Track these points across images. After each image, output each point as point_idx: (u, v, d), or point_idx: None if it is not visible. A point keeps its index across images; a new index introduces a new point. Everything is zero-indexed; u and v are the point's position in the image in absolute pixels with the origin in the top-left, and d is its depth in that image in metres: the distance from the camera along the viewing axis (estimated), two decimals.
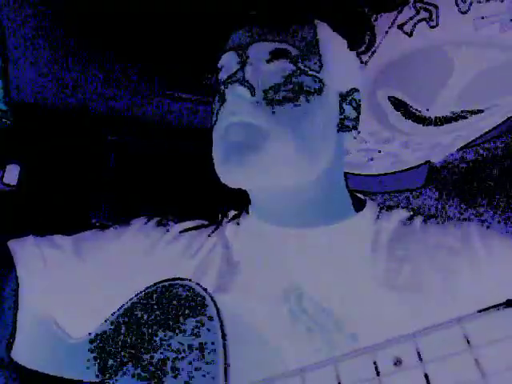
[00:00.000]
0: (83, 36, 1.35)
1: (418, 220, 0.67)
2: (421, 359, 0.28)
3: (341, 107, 0.68)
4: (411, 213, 0.69)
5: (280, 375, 0.36)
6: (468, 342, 0.27)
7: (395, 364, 0.30)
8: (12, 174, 1.52)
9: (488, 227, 0.63)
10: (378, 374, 0.30)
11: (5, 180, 1.51)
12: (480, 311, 0.29)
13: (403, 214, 0.69)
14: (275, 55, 0.64)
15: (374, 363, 0.30)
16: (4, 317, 0.60)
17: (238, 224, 0.71)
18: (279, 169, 0.61)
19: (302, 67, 0.64)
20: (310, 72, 0.64)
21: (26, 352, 0.59)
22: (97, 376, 0.52)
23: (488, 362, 0.26)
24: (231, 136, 0.61)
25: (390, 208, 0.70)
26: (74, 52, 1.41)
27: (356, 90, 0.70)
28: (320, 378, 0.32)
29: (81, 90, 1.56)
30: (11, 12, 1.25)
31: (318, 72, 0.65)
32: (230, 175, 0.62)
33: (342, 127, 0.68)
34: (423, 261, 0.61)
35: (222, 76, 0.67)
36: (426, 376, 0.28)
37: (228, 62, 0.66)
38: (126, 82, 1.51)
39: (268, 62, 0.64)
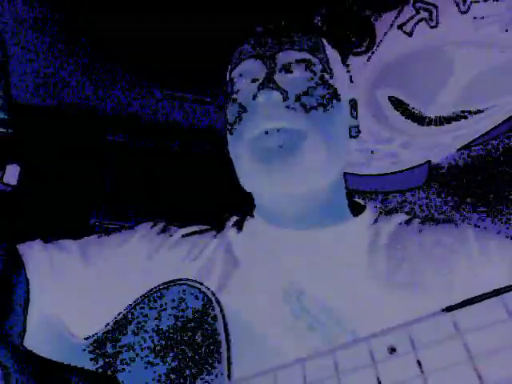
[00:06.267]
0: (83, 37, 1.36)
1: (416, 221, 0.68)
2: (414, 346, 0.29)
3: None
4: (409, 216, 0.70)
5: (281, 365, 0.36)
6: (457, 329, 0.28)
7: (390, 352, 0.30)
8: (12, 174, 1.52)
9: (485, 228, 0.63)
10: (373, 361, 0.30)
11: (5, 180, 1.51)
12: (468, 300, 0.29)
13: (401, 216, 0.70)
14: (301, 64, 0.67)
15: (370, 352, 0.30)
16: (16, 314, 0.61)
17: (240, 227, 0.71)
18: (314, 171, 0.63)
19: (324, 76, 0.67)
20: (329, 81, 0.68)
21: (33, 348, 0.60)
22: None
23: (476, 347, 0.27)
24: (270, 141, 0.61)
25: (388, 212, 0.72)
26: (74, 53, 1.42)
27: (354, 100, 0.74)
28: (319, 366, 0.32)
29: (81, 90, 1.57)
30: (10, 17, 1.26)
31: (332, 81, 0.69)
32: (272, 181, 0.62)
33: (350, 134, 0.72)
34: (421, 260, 0.61)
35: (244, 83, 0.68)
36: (419, 362, 0.28)
37: (252, 69, 0.67)
38: (127, 82, 1.52)
39: (293, 71, 0.66)
